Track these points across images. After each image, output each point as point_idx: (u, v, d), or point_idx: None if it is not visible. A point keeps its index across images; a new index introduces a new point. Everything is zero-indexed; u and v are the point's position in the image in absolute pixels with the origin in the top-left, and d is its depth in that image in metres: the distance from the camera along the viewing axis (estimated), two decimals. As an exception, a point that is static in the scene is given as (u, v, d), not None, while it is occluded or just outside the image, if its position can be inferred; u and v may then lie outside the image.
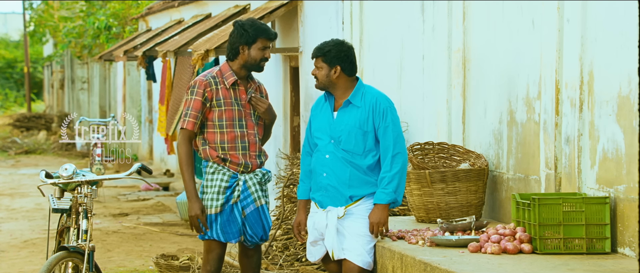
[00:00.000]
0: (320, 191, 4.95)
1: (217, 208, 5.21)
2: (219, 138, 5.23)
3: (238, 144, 5.24)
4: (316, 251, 5.01)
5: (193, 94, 5.18)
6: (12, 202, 12.69)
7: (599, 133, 4.83)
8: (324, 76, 4.93)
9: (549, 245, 4.70)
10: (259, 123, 5.36)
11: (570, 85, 5.04)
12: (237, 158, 5.23)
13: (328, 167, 4.92)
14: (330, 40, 5.03)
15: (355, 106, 4.89)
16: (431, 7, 6.65)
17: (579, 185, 4.98)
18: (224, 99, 5.20)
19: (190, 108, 5.16)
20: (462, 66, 6.29)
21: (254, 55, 5.21)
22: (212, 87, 5.19)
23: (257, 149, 5.31)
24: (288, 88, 9.95)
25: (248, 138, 5.27)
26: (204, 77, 5.22)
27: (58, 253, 5.13)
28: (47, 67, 35.89)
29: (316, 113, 5.04)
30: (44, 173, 5.31)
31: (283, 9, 9.39)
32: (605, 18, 4.79)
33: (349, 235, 4.90)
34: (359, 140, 4.85)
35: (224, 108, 5.20)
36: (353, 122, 4.87)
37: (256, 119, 5.33)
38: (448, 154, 6.12)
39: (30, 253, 8.70)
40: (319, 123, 4.99)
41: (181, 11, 14.34)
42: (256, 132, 5.32)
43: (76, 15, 21.45)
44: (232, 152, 5.23)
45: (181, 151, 5.21)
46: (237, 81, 5.24)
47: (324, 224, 4.92)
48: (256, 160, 5.30)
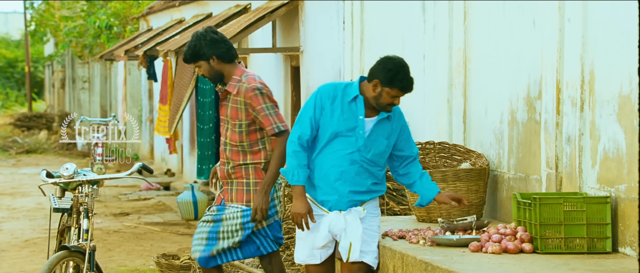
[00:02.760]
0: (336, 196, 4.71)
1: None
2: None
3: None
4: (322, 253, 4.78)
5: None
6: (13, 202, 12.69)
7: (600, 132, 4.83)
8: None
9: (550, 244, 4.69)
10: (234, 129, 5.14)
11: (571, 84, 5.04)
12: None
13: (350, 173, 4.69)
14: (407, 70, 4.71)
15: (390, 120, 4.76)
16: (432, 7, 6.65)
17: (580, 184, 4.98)
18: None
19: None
20: (463, 66, 6.29)
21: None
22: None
23: (225, 157, 5.19)
24: (289, 88, 9.95)
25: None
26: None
27: (59, 253, 5.13)
28: (48, 66, 35.90)
29: (332, 110, 4.70)
30: (45, 173, 5.31)
31: (284, 9, 9.39)
32: (606, 18, 4.79)
33: (370, 237, 4.75)
34: (386, 152, 4.77)
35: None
36: (386, 134, 4.74)
37: (228, 124, 5.17)
38: (449, 153, 6.12)
39: (31, 253, 8.70)
40: (343, 125, 4.69)
41: (182, 11, 14.34)
42: (226, 138, 5.18)
43: (77, 15, 21.45)
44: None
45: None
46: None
47: (342, 227, 4.71)
48: (223, 169, 5.20)
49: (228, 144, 5.15)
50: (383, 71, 4.64)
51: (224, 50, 5.12)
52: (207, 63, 5.11)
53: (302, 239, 4.79)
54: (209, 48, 5.09)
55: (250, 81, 5.11)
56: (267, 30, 10.24)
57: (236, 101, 5.09)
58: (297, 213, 4.66)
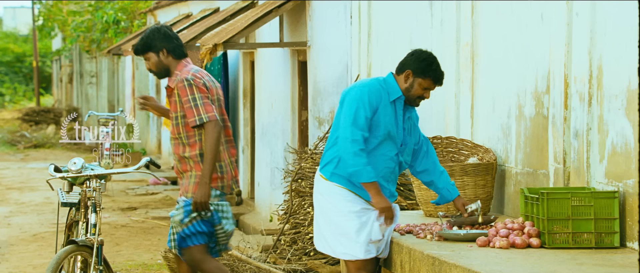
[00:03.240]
0: (387, 195, 4.80)
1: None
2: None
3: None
4: (374, 247, 4.84)
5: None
6: (22, 196, 12.73)
7: (608, 127, 4.82)
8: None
9: (558, 239, 4.69)
10: (173, 123, 5.28)
11: (579, 79, 5.03)
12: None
13: (394, 174, 4.80)
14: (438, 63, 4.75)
15: (410, 120, 4.85)
16: (439, 2, 6.63)
17: (587, 179, 4.97)
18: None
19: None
20: (471, 60, 6.28)
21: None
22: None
23: (175, 154, 5.33)
24: (296, 82, 9.95)
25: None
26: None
27: (67, 247, 5.15)
28: (56, 61, 35.96)
29: (384, 111, 4.68)
30: (53, 167, 5.33)
31: (291, 3, 9.38)
32: (614, 12, 4.77)
33: (390, 231, 4.98)
34: (412, 150, 4.89)
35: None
36: (411, 132, 4.84)
37: (175, 119, 5.27)
38: (456, 148, 6.12)
39: (39, 247, 8.73)
40: (391, 127, 4.69)
41: (189, 5, 14.34)
42: (170, 133, 5.33)
43: (85, 10, 21.48)
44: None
45: None
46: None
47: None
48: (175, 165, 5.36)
49: (171, 139, 5.30)
50: (416, 62, 4.67)
51: (174, 45, 5.25)
52: (157, 55, 5.25)
53: (356, 232, 4.76)
54: (160, 41, 5.22)
55: (184, 73, 5.21)
56: (274, 25, 10.24)
57: (174, 94, 5.23)
58: (386, 207, 4.69)
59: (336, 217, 4.77)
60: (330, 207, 4.79)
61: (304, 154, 7.35)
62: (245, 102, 11.92)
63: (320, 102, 8.96)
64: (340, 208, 4.76)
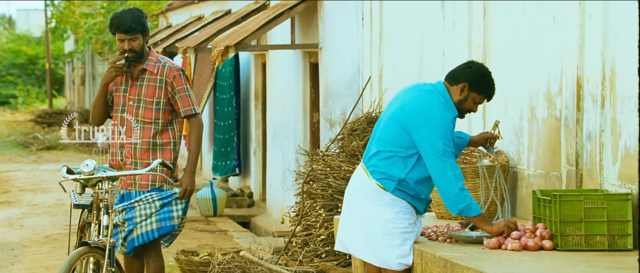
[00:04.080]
0: (423, 202, 4.79)
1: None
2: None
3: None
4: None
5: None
6: (34, 198, 12.78)
7: (621, 129, 4.80)
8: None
9: (570, 241, 4.67)
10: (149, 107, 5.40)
11: (592, 81, 5.01)
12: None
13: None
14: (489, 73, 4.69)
15: None
16: (451, 3, 6.62)
17: (600, 181, 4.94)
18: (115, 85, 5.45)
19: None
20: (483, 62, 6.26)
21: (118, 46, 5.39)
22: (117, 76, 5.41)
23: (133, 136, 5.38)
24: (308, 84, 9.95)
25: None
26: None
27: (79, 249, 5.16)
28: (69, 63, 36.10)
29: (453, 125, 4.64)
30: (65, 169, 5.34)
31: (303, 5, 9.38)
32: (627, 13, 4.75)
33: None
34: None
35: (113, 94, 5.46)
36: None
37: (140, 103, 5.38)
38: (468, 150, 6.10)
39: (52, 249, 8.76)
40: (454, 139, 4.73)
41: (201, 7, 14.37)
42: (137, 117, 5.39)
43: (97, 12, 21.54)
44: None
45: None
46: (127, 67, 5.36)
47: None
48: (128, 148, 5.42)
49: (138, 122, 5.34)
50: (475, 76, 4.59)
51: (149, 31, 5.47)
52: (143, 38, 5.37)
53: (409, 242, 4.78)
54: (147, 25, 5.41)
55: (171, 62, 5.41)
56: (286, 26, 10.24)
57: (155, 79, 5.34)
58: (506, 223, 4.67)
59: (393, 228, 4.69)
60: (392, 217, 4.68)
61: (315, 156, 7.34)
62: (256, 104, 11.93)
63: (331, 104, 8.96)
64: (402, 219, 4.70)
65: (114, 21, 5.34)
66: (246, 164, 12.22)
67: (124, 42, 5.31)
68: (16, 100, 39.24)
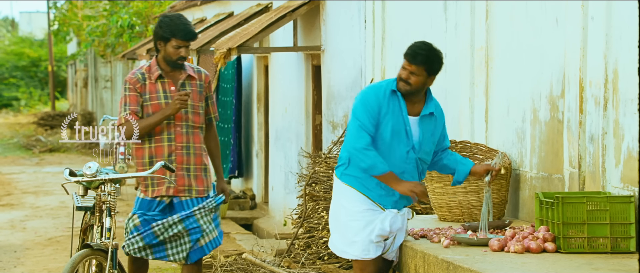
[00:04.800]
0: (396, 196, 4.81)
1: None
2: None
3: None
4: (378, 248, 4.86)
5: (126, 91, 5.25)
6: (37, 200, 12.79)
7: (624, 131, 4.79)
8: (420, 83, 4.75)
9: (573, 244, 4.66)
10: (197, 112, 5.29)
11: (595, 83, 5.00)
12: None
13: (409, 173, 4.80)
14: (432, 48, 4.79)
15: (434, 117, 4.84)
16: (454, 5, 6.62)
17: (603, 183, 4.94)
18: (149, 94, 5.25)
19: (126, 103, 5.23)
20: (485, 64, 6.26)
21: (170, 52, 5.20)
22: (141, 83, 5.24)
23: (184, 141, 5.27)
24: (310, 87, 9.95)
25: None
26: (132, 75, 5.27)
27: (82, 251, 5.16)
28: (71, 65, 36.12)
29: (386, 109, 4.74)
30: (67, 171, 5.34)
31: (305, 8, 9.39)
32: (630, 16, 4.75)
33: (401, 236, 5.00)
34: (432, 150, 4.90)
35: (149, 102, 5.26)
36: (431, 132, 4.83)
37: (200, 108, 5.29)
38: (470, 152, 6.10)
39: (54, 251, 8.76)
40: (394, 125, 4.74)
41: (203, 10, 14.38)
42: (188, 121, 5.28)
43: (99, 14, 21.56)
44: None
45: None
46: (163, 75, 5.24)
47: (399, 226, 4.86)
48: (180, 153, 5.30)
49: (190, 128, 5.26)
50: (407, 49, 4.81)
51: None
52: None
53: (355, 232, 4.81)
54: None
55: (196, 67, 5.37)
56: (288, 29, 10.24)
57: (196, 84, 5.29)
58: (410, 188, 4.71)
59: (343, 216, 4.87)
60: (339, 206, 4.90)
61: (317, 158, 7.34)
62: (259, 106, 11.93)
63: (334, 106, 8.96)
64: (347, 207, 4.85)
65: (176, 28, 5.15)
66: (248, 167, 12.22)
67: (181, 49, 5.17)
68: (19, 102, 39.27)
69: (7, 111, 38.47)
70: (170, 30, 5.15)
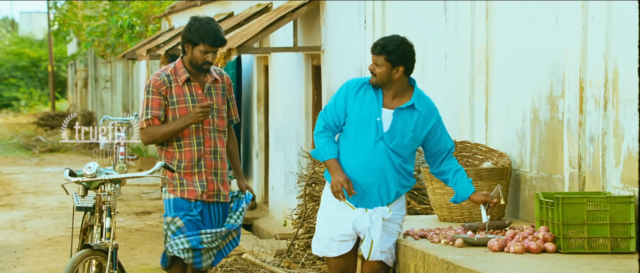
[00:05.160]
0: (362, 188, 4.77)
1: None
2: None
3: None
4: (342, 247, 4.84)
5: (149, 93, 5.13)
6: (37, 200, 12.79)
7: (624, 131, 4.79)
8: (384, 74, 4.73)
9: (573, 244, 4.66)
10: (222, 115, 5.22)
11: (595, 83, 5.00)
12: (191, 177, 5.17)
13: (378, 165, 4.74)
14: (394, 37, 4.82)
15: (416, 111, 4.78)
16: (454, 6, 6.62)
17: (603, 184, 4.94)
18: (177, 97, 5.14)
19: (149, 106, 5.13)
20: (485, 65, 6.26)
21: (196, 56, 5.10)
22: (166, 86, 5.14)
23: (211, 146, 5.20)
24: (310, 87, 9.96)
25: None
26: (157, 77, 5.15)
27: (82, 251, 5.16)
28: (71, 66, 36.13)
29: (357, 101, 4.77)
30: (67, 172, 5.34)
31: (305, 8, 9.39)
32: (630, 16, 4.75)
33: (390, 236, 4.88)
34: (410, 144, 4.80)
35: (177, 106, 5.15)
36: (410, 126, 4.76)
37: (224, 112, 5.23)
38: (470, 153, 6.10)
39: (54, 251, 8.76)
40: (363, 116, 4.75)
41: (204, 10, 14.38)
42: (213, 126, 5.20)
43: (100, 15, 21.56)
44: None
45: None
46: (191, 78, 5.15)
47: (366, 226, 4.78)
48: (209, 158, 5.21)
49: (215, 131, 5.20)
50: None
51: None
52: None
53: (321, 230, 4.90)
54: None
55: (218, 69, 5.29)
56: (288, 29, 10.25)
57: (219, 87, 5.22)
58: (337, 181, 4.71)
59: (319, 213, 4.96)
60: (321, 204, 4.99)
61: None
62: (259, 106, 11.93)
63: (334, 106, 8.96)
64: (323, 205, 4.94)
65: (205, 33, 5.05)
66: (248, 167, 12.22)
67: (208, 55, 5.07)
68: (19, 103, 39.28)
69: (7, 111, 38.48)
70: (200, 35, 5.05)
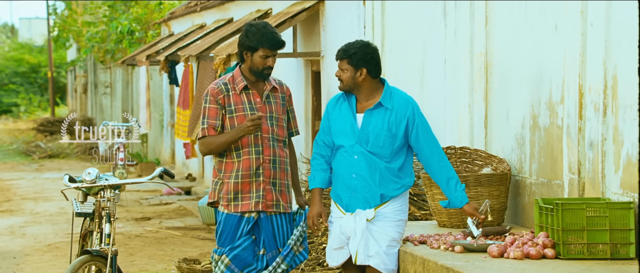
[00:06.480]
0: (349, 193, 4.79)
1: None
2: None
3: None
4: (339, 255, 4.86)
5: (206, 102, 5.01)
6: (36, 206, 12.78)
7: (623, 137, 4.80)
8: (349, 78, 4.81)
9: (573, 250, 4.66)
10: (281, 124, 5.08)
11: (594, 89, 5.01)
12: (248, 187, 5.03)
13: (358, 167, 4.77)
14: (355, 41, 4.92)
15: (385, 108, 4.79)
16: (453, 11, 6.63)
17: (602, 189, 4.94)
18: (235, 105, 5.02)
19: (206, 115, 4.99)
20: (485, 70, 6.27)
21: (256, 62, 5.02)
22: (224, 94, 5.01)
23: (271, 154, 5.04)
24: (309, 92, 9.96)
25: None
26: (215, 85, 5.04)
27: (81, 257, 5.16)
28: (71, 71, 36.15)
29: (335, 114, 4.88)
30: (67, 177, 5.35)
31: (305, 13, 9.40)
32: (629, 22, 4.76)
33: (378, 240, 4.78)
34: (387, 143, 4.77)
35: (235, 114, 5.02)
36: (382, 124, 4.77)
37: (273, 120, 5.06)
38: (470, 158, 6.10)
39: (54, 257, 8.75)
40: (340, 124, 4.84)
41: (203, 16, 14.39)
42: (272, 134, 5.05)
43: (99, 20, 21.58)
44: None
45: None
46: (248, 86, 5.04)
47: (352, 228, 4.78)
48: (268, 167, 5.02)
49: (274, 141, 5.05)
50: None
51: None
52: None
53: (328, 242, 4.99)
54: None
55: (275, 79, 5.20)
56: (288, 35, 10.25)
57: (278, 96, 5.10)
58: (310, 215, 4.91)
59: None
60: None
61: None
62: (258, 112, 11.93)
63: (333, 112, 8.96)
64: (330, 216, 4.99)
65: (263, 37, 4.95)
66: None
67: (268, 59, 4.98)
68: (18, 108, 39.29)
69: (6, 117, 38.48)
70: (258, 39, 4.96)
